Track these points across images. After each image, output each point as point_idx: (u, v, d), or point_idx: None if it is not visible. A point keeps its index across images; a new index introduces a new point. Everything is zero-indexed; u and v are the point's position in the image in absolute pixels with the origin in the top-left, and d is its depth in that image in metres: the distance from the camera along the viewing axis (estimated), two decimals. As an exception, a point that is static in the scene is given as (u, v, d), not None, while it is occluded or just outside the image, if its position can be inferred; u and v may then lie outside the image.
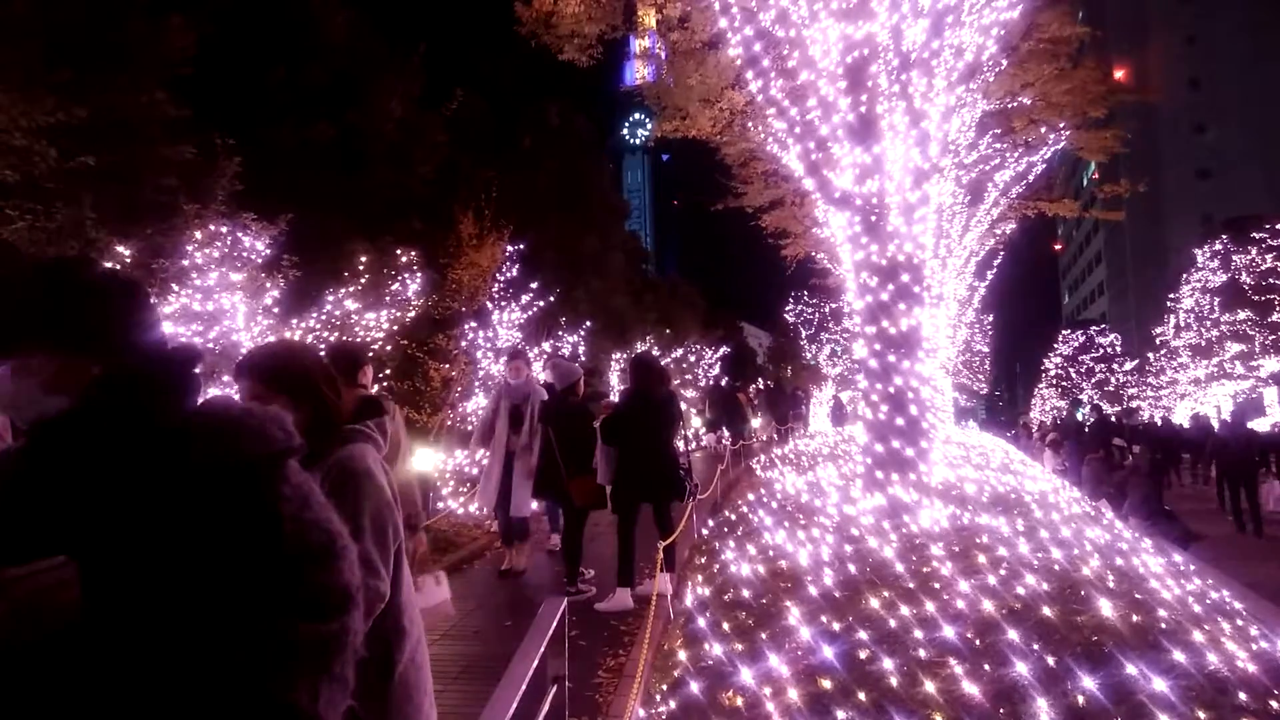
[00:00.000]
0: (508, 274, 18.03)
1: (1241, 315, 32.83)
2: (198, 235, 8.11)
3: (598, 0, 9.21)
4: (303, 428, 1.78)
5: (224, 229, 8.38)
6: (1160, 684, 3.05)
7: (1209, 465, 16.67)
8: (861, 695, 3.20)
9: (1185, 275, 37.94)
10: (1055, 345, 58.74)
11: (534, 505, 7.81)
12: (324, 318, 9.56)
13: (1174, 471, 20.53)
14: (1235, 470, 13.15)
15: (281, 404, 1.85)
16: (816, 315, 49.37)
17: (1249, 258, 33.27)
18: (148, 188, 8.61)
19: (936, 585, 4.23)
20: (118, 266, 7.97)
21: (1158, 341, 41.46)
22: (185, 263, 7.91)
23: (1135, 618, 3.73)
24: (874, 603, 4.02)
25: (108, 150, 8.09)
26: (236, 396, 1.98)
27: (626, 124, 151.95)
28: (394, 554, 1.93)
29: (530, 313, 18.40)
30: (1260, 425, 18.90)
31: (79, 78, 7.71)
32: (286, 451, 1.08)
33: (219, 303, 7.81)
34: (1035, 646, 3.40)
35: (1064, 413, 36.50)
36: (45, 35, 7.69)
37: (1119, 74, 35.14)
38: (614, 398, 13.46)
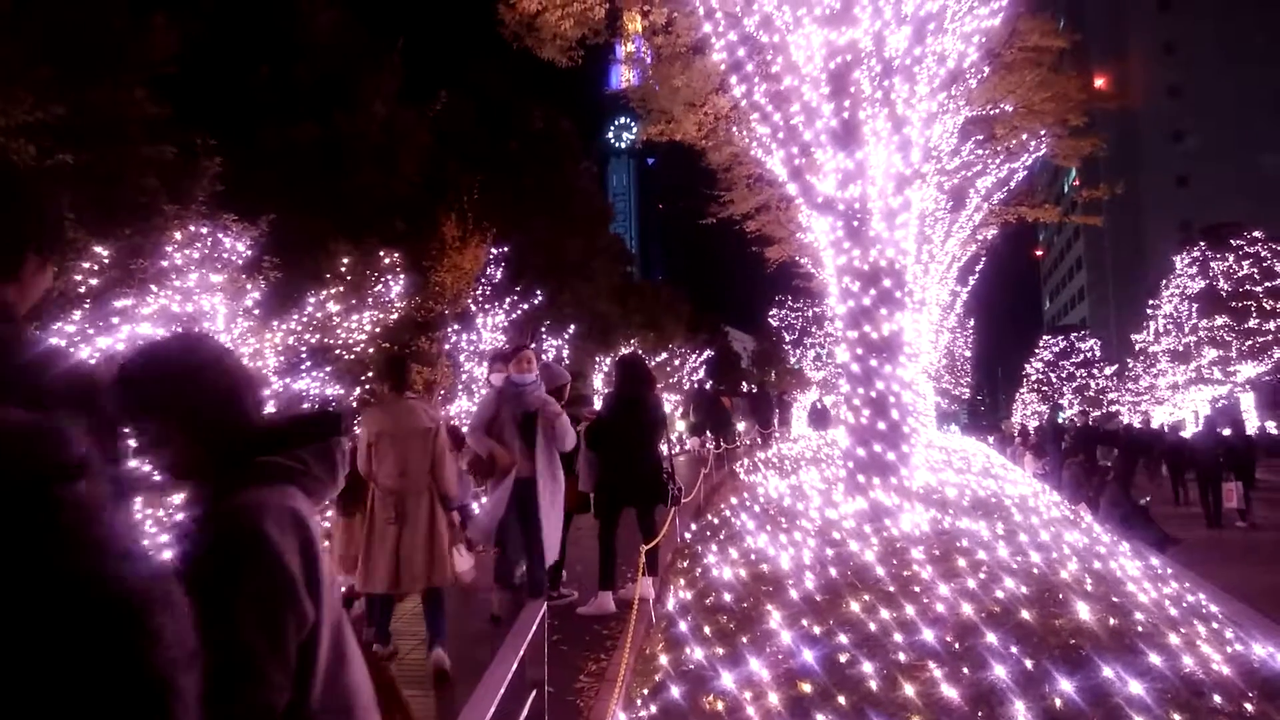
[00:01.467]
0: (492, 277, 18.00)
1: (1219, 321, 33.30)
2: (177, 236, 8.05)
3: (583, 15, 9.20)
4: (182, 462, 1.39)
5: (204, 230, 8.32)
6: (1137, 686, 3.07)
7: (1159, 466, 18.25)
8: (841, 699, 3.21)
9: (1164, 282, 38.39)
10: (1036, 350, 59.30)
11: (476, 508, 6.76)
12: (305, 319, 9.51)
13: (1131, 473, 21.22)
14: (1204, 471, 14.16)
15: (149, 428, 1.37)
16: (800, 319, 49.65)
17: (1226, 265, 33.76)
18: (127, 187, 8.54)
19: (916, 589, 4.24)
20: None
21: (1137, 347, 41.90)
22: (165, 264, 7.84)
23: (1113, 621, 3.76)
24: (854, 606, 4.03)
25: (87, 149, 8.02)
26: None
27: (612, 127, 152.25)
28: (303, 649, 1.29)
29: (514, 316, 18.35)
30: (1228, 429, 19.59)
31: (58, 76, 7.63)
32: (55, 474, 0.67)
33: (199, 304, 7.74)
34: (1014, 649, 3.42)
35: (1045, 417, 36.83)
36: (29, 33, 7.61)
37: (1099, 81, 35.60)
38: (598, 403, 13.34)
